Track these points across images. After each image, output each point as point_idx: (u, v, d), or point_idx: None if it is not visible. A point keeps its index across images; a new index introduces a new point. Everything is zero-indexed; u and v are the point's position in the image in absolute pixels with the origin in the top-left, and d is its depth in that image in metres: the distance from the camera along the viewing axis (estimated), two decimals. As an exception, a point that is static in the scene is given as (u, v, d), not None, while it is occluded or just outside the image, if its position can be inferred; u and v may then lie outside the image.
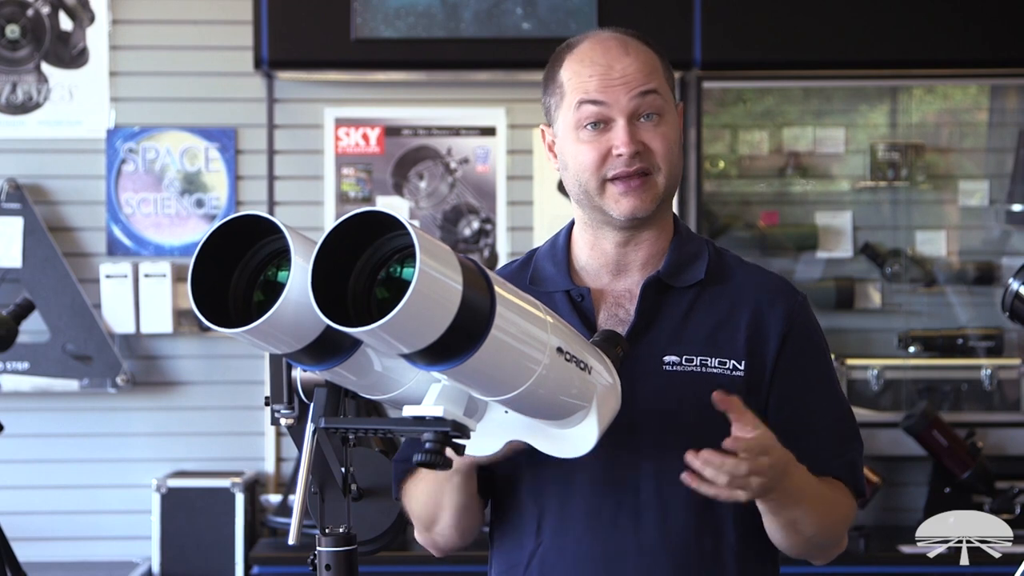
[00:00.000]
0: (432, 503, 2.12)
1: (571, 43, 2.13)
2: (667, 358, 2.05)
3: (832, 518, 2.07)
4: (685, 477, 1.89)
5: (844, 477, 2.10)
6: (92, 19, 4.92)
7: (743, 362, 2.06)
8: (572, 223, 2.19)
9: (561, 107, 2.09)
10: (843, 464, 2.10)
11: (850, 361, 4.98)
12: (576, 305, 2.11)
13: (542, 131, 2.17)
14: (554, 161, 2.15)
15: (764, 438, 1.90)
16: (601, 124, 2.05)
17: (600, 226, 2.11)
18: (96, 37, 4.92)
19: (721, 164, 5.21)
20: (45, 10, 4.92)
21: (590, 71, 2.06)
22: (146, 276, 4.85)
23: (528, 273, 2.18)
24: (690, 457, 1.88)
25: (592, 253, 2.14)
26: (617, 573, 2.06)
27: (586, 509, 2.07)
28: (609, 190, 2.06)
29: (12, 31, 4.93)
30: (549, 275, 2.16)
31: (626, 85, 2.05)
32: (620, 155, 2.04)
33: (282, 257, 1.70)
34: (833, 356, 4.95)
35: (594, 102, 2.05)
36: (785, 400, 2.08)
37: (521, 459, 1.98)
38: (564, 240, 2.18)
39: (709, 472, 1.87)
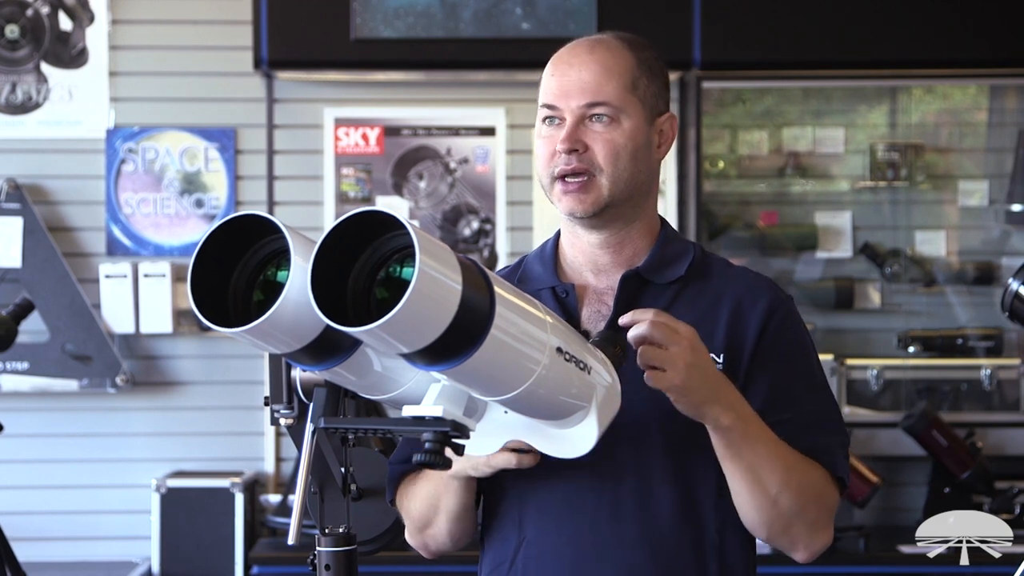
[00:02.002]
0: (430, 504, 2.13)
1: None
2: None
3: (799, 479, 2.03)
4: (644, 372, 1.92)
5: (820, 458, 2.07)
6: (92, 19, 4.92)
7: (721, 355, 2.08)
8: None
9: (538, 106, 2.16)
10: (819, 446, 2.08)
11: (850, 361, 4.98)
12: (560, 301, 2.14)
13: None
14: None
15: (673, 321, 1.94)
16: (556, 121, 2.11)
17: (573, 224, 2.15)
18: (96, 37, 4.92)
19: (721, 164, 5.21)
20: (45, 10, 4.92)
21: (552, 71, 2.13)
22: (146, 276, 4.85)
23: (517, 275, 2.21)
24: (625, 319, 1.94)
25: (573, 251, 2.17)
26: (598, 565, 2.06)
27: (566, 502, 2.08)
28: (556, 187, 2.11)
29: (12, 31, 4.93)
30: (536, 274, 2.19)
31: (579, 90, 2.09)
32: (559, 151, 2.08)
33: (282, 257, 1.70)
34: (832, 356, 4.98)
35: (548, 103, 2.11)
36: (760, 389, 2.07)
37: None
38: (553, 241, 2.22)
39: (639, 329, 1.91)
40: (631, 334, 1.92)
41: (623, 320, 1.94)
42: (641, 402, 2.02)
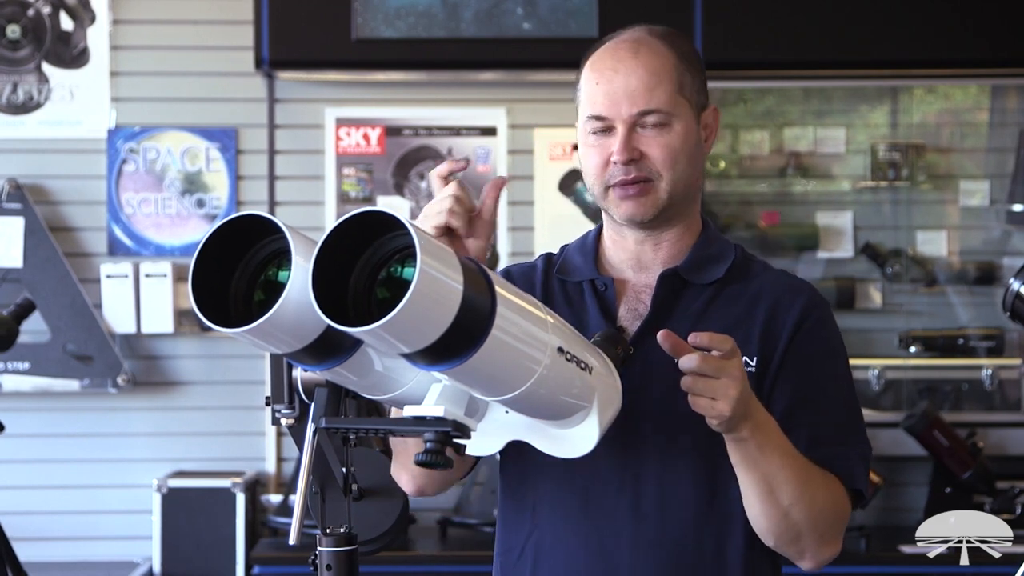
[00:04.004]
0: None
1: (598, 44, 2.16)
2: None
3: (812, 493, 2.00)
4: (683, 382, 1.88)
5: (838, 469, 2.05)
6: (93, 19, 4.92)
7: (755, 358, 2.07)
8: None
9: (579, 110, 2.14)
10: (839, 456, 2.06)
11: (851, 361, 4.96)
12: (599, 294, 2.14)
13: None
14: None
15: (728, 339, 1.89)
16: (606, 130, 2.08)
17: (617, 224, 2.15)
18: (97, 37, 4.92)
19: (722, 164, 5.21)
20: (46, 10, 4.92)
21: (598, 79, 2.09)
22: (147, 276, 4.85)
23: (557, 264, 2.20)
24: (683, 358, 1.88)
25: (615, 247, 2.17)
26: (612, 564, 2.06)
27: (585, 497, 2.07)
28: (610, 195, 2.10)
29: (13, 31, 4.93)
30: (577, 265, 2.19)
31: (628, 98, 2.07)
32: (615, 163, 2.07)
33: (283, 257, 1.70)
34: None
35: (597, 115, 2.08)
36: (785, 392, 2.06)
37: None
38: (595, 234, 2.22)
39: (691, 362, 1.86)
40: (682, 364, 1.88)
41: (691, 339, 1.89)
42: (678, 404, 2.02)
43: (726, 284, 2.12)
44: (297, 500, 2.07)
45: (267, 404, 2.12)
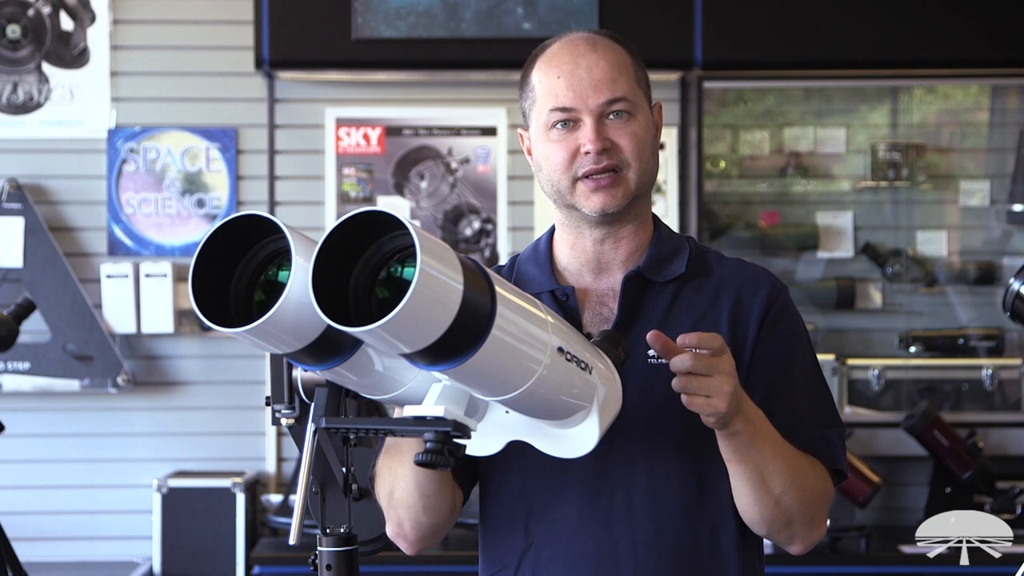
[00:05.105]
0: (389, 473, 2.10)
1: (544, 45, 2.16)
2: (652, 352, 2.05)
3: (802, 479, 2.04)
4: (674, 383, 1.90)
5: (820, 452, 2.09)
6: (93, 19, 4.92)
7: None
8: (552, 228, 2.23)
9: (534, 109, 2.14)
10: (819, 439, 2.09)
11: (851, 361, 4.98)
12: (561, 304, 2.13)
13: (520, 135, 2.20)
14: (533, 164, 2.19)
15: (717, 337, 1.91)
16: (570, 123, 2.09)
17: (578, 224, 2.14)
18: (97, 37, 4.92)
19: (722, 164, 5.21)
20: (46, 10, 4.92)
21: (558, 72, 2.09)
22: (147, 276, 4.85)
23: (512, 277, 2.20)
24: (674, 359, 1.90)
25: (572, 252, 2.17)
26: (614, 569, 2.07)
27: (578, 506, 2.08)
28: (580, 188, 2.10)
29: (13, 31, 4.93)
30: (533, 277, 2.18)
31: (593, 86, 2.07)
32: (588, 152, 2.07)
33: (283, 257, 1.70)
34: (834, 356, 4.98)
35: (563, 107, 2.08)
36: (761, 381, 2.08)
37: (508, 455, 1.97)
38: (546, 243, 2.22)
39: (684, 362, 1.87)
40: (673, 365, 1.90)
41: (681, 340, 1.90)
42: (654, 403, 2.02)
43: (687, 280, 2.14)
44: (297, 500, 2.07)
45: (267, 404, 2.12)
